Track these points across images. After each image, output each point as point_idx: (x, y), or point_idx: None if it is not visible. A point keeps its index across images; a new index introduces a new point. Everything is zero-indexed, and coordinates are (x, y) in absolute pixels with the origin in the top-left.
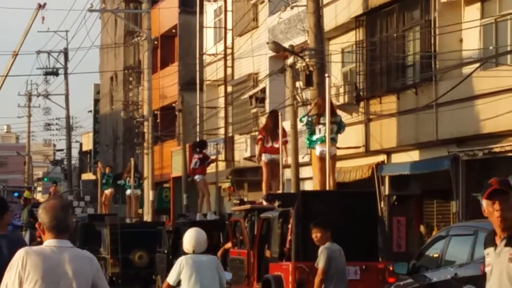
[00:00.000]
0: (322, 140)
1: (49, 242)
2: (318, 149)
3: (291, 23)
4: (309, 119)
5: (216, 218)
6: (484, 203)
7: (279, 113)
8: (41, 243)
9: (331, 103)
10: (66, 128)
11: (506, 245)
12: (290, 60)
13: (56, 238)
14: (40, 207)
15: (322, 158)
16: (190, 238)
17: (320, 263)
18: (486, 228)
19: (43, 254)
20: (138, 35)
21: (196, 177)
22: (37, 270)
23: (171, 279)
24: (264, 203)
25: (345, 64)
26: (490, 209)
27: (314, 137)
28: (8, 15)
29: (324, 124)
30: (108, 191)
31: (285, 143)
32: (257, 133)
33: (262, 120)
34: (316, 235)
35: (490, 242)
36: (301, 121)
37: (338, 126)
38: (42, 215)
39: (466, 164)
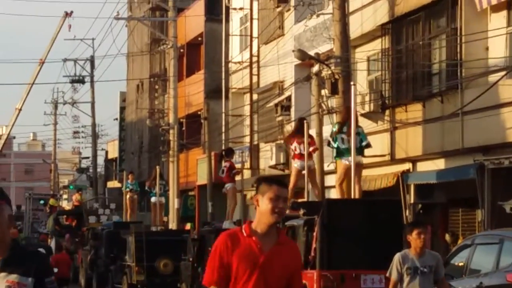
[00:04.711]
0: (347, 153)
1: None
2: (345, 159)
3: (317, 31)
4: (335, 137)
5: (235, 227)
6: None
7: (305, 120)
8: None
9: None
10: (92, 135)
11: (1, 271)
12: (315, 68)
13: None
14: None
15: (347, 169)
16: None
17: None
18: None
19: None
20: (164, 43)
21: (226, 185)
22: None
23: None
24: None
25: (370, 72)
26: None
27: (337, 145)
28: (35, 23)
29: (345, 133)
30: (129, 194)
31: (315, 150)
32: (282, 141)
33: (288, 128)
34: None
35: None
36: (334, 141)
37: (360, 138)
38: None
39: (492, 172)
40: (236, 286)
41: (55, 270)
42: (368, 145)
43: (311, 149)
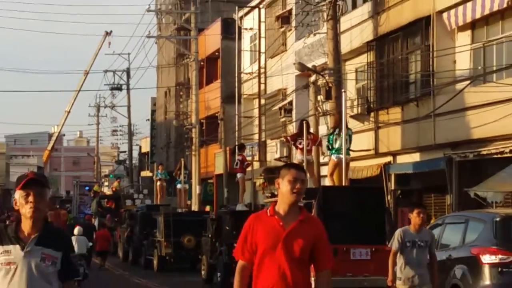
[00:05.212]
0: (339, 151)
1: None
2: (335, 156)
3: (314, 47)
4: (330, 136)
5: (246, 209)
6: (17, 194)
7: (304, 121)
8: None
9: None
10: (128, 133)
11: (38, 244)
12: (313, 78)
13: None
14: None
15: (337, 163)
16: (76, 229)
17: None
18: (476, 217)
19: None
20: (187, 57)
21: (238, 175)
22: None
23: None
24: None
25: (358, 81)
26: (23, 201)
27: (335, 145)
28: (80, 41)
29: (338, 135)
30: (159, 182)
31: (320, 142)
32: (284, 140)
33: (290, 128)
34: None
35: (14, 238)
36: (329, 141)
37: (350, 139)
38: None
39: (458, 164)
40: (263, 259)
41: (90, 244)
42: (348, 150)
43: (317, 143)
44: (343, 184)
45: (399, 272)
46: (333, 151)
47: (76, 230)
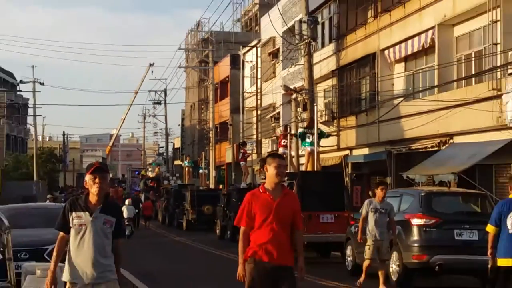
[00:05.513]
0: (311, 144)
1: None
2: (309, 148)
3: (295, 74)
4: (300, 132)
5: (247, 186)
6: (87, 177)
7: (287, 126)
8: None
9: (314, 121)
10: (165, 135)
11: (101, 212)
12: (294, 96)
13: None
14: None
15: (310, 153)
16: (127, 200)
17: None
18: (408, 193)
19: None
20: (207, 81)
21: (241, 163)
22: None
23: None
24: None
25: (326, 98)
26: (91, 182)
27: (308, 140)
28: (131, 70)
29: (311, 133)
30: (187, 168)
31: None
32: (275, 138)
33: (278, 131)
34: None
35: (85, 207)
36: (299, 135)
37: (320, 134)
38: None
39: (395, 156)
40: (260, 223)
41: (136, 211)
42: (328, 135)
43: (294, 142)
44: (315, 169)
45: (367, 230)
46: (307, 144)
47: (127, 201)
